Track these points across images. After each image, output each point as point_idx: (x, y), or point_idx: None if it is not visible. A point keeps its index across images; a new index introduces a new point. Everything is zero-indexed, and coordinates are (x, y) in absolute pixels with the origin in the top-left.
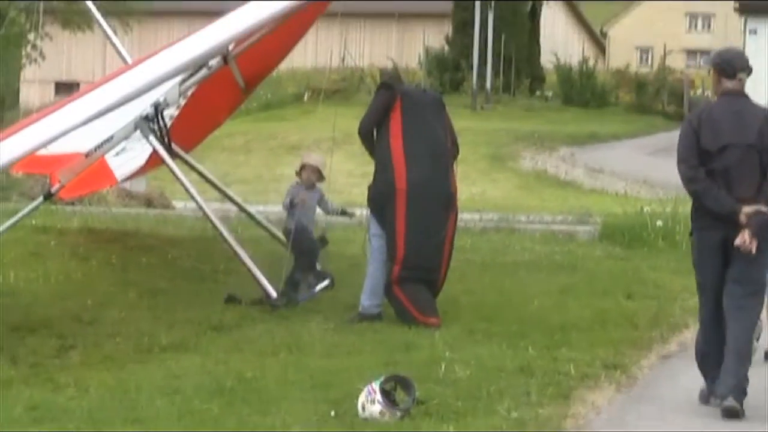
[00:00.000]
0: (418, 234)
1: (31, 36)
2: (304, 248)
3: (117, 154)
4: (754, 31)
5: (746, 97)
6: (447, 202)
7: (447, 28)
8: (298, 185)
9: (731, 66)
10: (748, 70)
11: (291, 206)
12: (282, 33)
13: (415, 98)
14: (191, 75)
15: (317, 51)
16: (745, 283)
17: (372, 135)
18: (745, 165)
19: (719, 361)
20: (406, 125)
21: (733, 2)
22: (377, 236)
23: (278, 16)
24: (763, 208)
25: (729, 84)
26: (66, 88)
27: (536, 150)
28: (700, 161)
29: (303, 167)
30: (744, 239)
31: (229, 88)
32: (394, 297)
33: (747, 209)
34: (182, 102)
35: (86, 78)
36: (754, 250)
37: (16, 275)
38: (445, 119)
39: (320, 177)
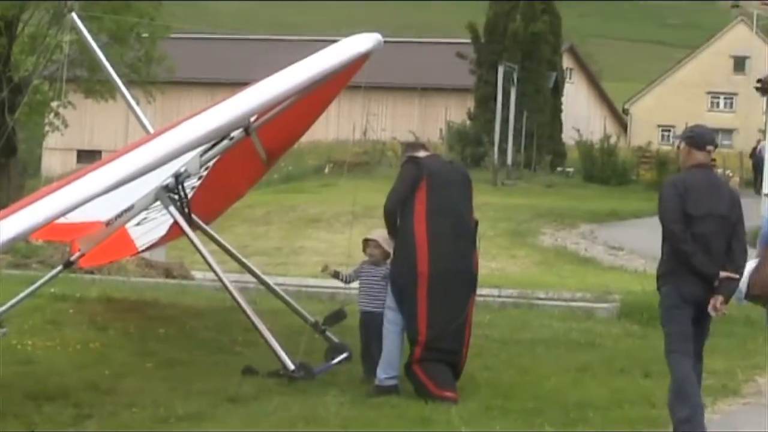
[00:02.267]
0: (440, 317)
1: (54, 104)
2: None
3: (138, 223)
4: None
5: (712, 169)
6: (469, 283)
7: (469, 103)
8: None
9: (702, 140)
10: (715, 145)
11: (346, 280)
12: (304, 105)
13: (441, 176)
14: (213, 146)
15: (339, 124)
16: (706, 336)
17: (397, 213)
18: (719, 233)
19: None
20: (431, 207)
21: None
22: (392, 309)
23: (301, 88)
24: (733, 275)
25: (700, 156)
26: (88, 157)
27: (556, 226)
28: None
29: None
30: (715, 304)
31: (251, 160)
32: (414, 375)
33: (722, 274)
34: (203, 173)
35: (108, 146)
36: (726, 312)
37: (34, 343)
38: (470, 196)
39: (384, 253)
